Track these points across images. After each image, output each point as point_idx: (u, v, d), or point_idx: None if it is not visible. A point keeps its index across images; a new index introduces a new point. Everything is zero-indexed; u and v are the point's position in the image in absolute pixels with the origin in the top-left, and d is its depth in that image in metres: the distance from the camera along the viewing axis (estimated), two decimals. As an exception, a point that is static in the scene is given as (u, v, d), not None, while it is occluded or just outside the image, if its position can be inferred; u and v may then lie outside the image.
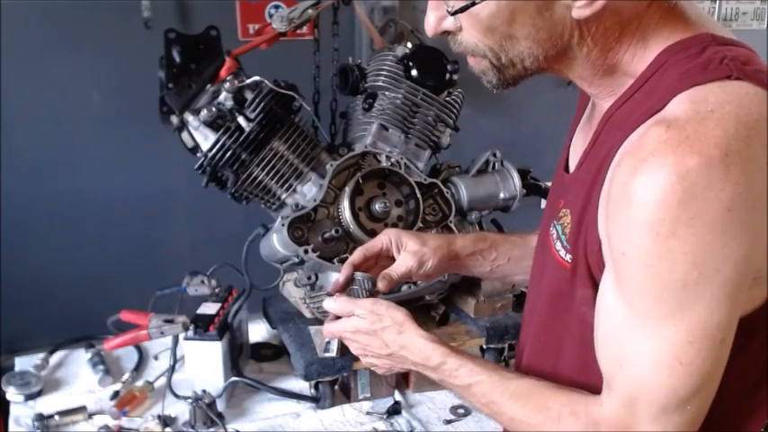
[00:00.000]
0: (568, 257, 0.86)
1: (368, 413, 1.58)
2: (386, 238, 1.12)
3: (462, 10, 0.79)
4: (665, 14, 0.79)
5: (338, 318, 1.04)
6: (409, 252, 1.10)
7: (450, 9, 0.80)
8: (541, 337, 0.97)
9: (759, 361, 0.82)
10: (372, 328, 0.98)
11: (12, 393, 1.59)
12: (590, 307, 0.83)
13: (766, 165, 0.70)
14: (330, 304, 1.03)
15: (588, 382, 0.85)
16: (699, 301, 0.71)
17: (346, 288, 1.06)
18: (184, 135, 1.53)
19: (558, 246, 0.89)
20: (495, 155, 1.68)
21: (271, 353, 1.78)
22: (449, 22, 0.83)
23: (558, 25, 0.78)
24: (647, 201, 0.69)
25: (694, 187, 0.68)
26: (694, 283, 0.71)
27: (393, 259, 1.11)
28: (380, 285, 1.05)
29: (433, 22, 0.84)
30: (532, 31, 0.78)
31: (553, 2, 0.76)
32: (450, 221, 1.61)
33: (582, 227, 0.83)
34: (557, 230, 0.90)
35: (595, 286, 0.82)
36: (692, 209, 0.68)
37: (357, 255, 1.10)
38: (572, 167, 0.93)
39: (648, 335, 0.74)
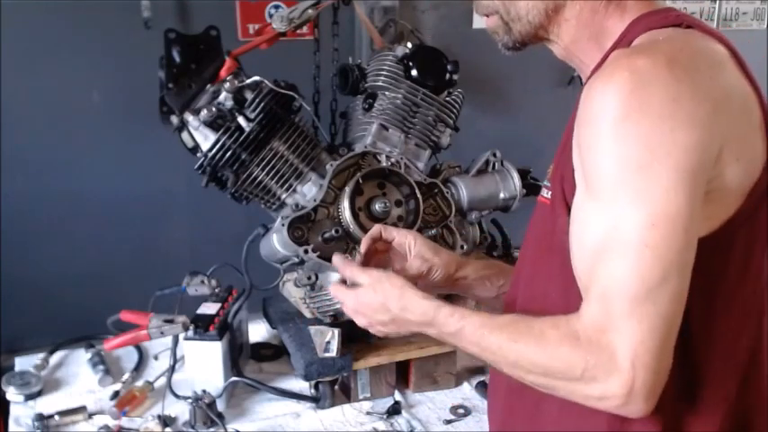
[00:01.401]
0: (548, 194, 0.94)
1: (368, 413, 1.58)
2: (407, 235, 1.14)
3: None
4: None
5: (344, 282, 1.07)
6: (421, 258, 1.12)
7: None
8: (528, 279, 1.00)
9: (721, 287, 0.85)
10: (376, 299, 1.00)
11: (12, 393, 1.59)
12: (567, 234, 0.86)
13: (718, 79, 0.80)
14: (339, 261, 1.08)
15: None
16: (656, 183, 0.76)
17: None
18: (184, 135, 1.53)
19: (543, 191, 0.97)
20: (495, 155, 1.68)
21: (271, 353, 1.78)
22: None
23: None
24: (602, 96, 0.79)
25: (642, 79, 0.77)
26: (648, 165, 0.76)
27: (404, 257, 1.13)
28: None
29: None
30: None
31: None
32: (450, 221, 1.61)
33: (560, 164, 0.91)
34: (545, 185, 0.98)
35: (569, 211, 0.86)
36: (642, 95, 0.77)
37: (375, 229, 1.13)
38: None
39: (614, 223, 0.78)
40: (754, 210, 0.83)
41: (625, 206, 0.77)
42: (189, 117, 1.49)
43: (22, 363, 1.72)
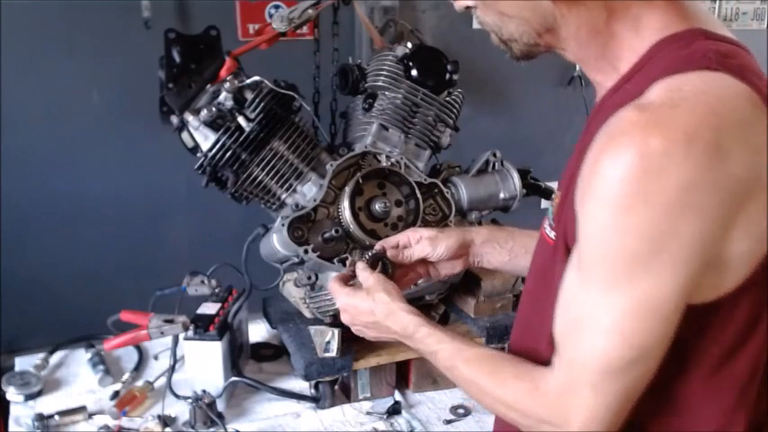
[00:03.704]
0: (552, 234, 0.91)
1: (368, 413, 1.58)
2: (403, 235, 1.18)
3: None
4: (662, 7, 0.82)
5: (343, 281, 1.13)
6: (424, 238, 1.16)
7: None
8: (528, 314, 1.01)
9: (721, 349, 0.83)
10: (367, 302, 1.06)
11: (12, 393, 1.59)
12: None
13: (740, 155, 0.72)
14: (361, 266, 1.11)
15: None
16: (646, 275, 0.75)
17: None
18: (184, 135, 1.53)
19: (546, 224, 0.94)
20: (495, 155, 1.68)
21: (271, 353, 1.78)
22: None
23: (540, 6, 0.84)
24: (608, 176, 0.73)
25: (653, 166, 0.71)
26: (643, 258, 0.74)
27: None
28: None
29: None
30: (517, 10, 0.85)
31: None
32: (450, 221, 1.61)
33: (565, 205, 0.86)
34: (549, 210, 0.95)
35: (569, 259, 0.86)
36: (649, 186, 0.71)
37: (377, 246, 1.17)
38: None
39: (596, 303, 0.78)
40: (757, 279, 0.79)
41: (609, 290, 0.77)
42: (189, 117, 1.49)
43: (22, 363, 1.72)
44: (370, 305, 1.05)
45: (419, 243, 1.16)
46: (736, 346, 0.82)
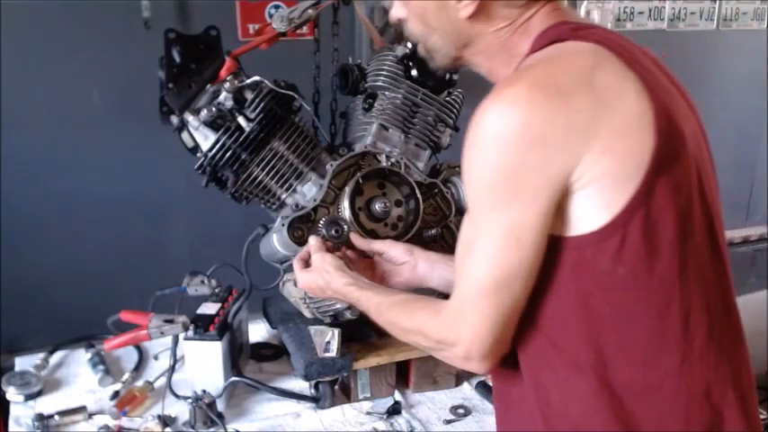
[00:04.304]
0: None
1: (368, 413, 1.58)
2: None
3: None
4: (545, 16, 0.99)
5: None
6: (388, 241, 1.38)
7: None
8: None
9: (624, 272, 0.90)
10: (317, 282, 1.26)
11: (12, 393, 1.59)
12: None
13: (582, 93, 0.86)
14: (312, 242, 1.35)
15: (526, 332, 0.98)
16: (505, 205, 0.88)
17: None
18: (184, 135, 1.53)
19: None
20: (494, 155, 1.68)
21: (271, 353, 1.78)
22: (399, 11, 1.06)
23: (456, 21, 0.99)
24: (472, 124, 0.90)
25: (503, 111, 0.87)
26: (500, 189, 0.88)
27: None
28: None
29: (392, 9, 1.07)
30: (439, 24, 1.01)
31: (446, 2, 0.98)
32: (451, 221, 1.61)
33: None
34: None
35: None
36: (498, 127, 0.87)
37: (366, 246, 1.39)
38: None
39: (473, 233, 0.93)
40: (644, 196, 0.87)
41: (478, 221, 0.92)
42: (189, 117, 1.49)
43: (22, 363, 1.72)
44: (320, 283, 1.26)
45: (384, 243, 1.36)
46: (640, 264, 0.89)
